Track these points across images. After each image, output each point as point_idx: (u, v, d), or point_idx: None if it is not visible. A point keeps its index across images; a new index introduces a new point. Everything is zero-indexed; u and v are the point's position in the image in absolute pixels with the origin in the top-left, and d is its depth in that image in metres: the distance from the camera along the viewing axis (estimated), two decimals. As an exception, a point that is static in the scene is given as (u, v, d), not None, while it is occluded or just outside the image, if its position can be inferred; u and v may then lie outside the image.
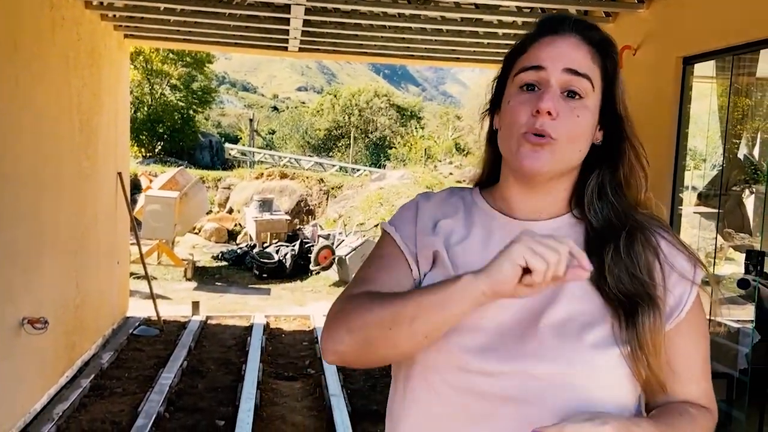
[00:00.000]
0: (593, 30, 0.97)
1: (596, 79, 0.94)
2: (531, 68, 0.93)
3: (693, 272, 0.95)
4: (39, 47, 3.78)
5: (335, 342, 0.93)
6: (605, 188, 0.97)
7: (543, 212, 0.98)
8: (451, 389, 0.92)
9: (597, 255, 0.92)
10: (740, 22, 3.20)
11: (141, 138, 19.09)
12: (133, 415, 3.93)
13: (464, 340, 0.91)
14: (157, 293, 6.54)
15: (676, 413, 0.94)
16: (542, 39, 0.95)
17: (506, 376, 0.89)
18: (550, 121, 0.90)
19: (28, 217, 3.67)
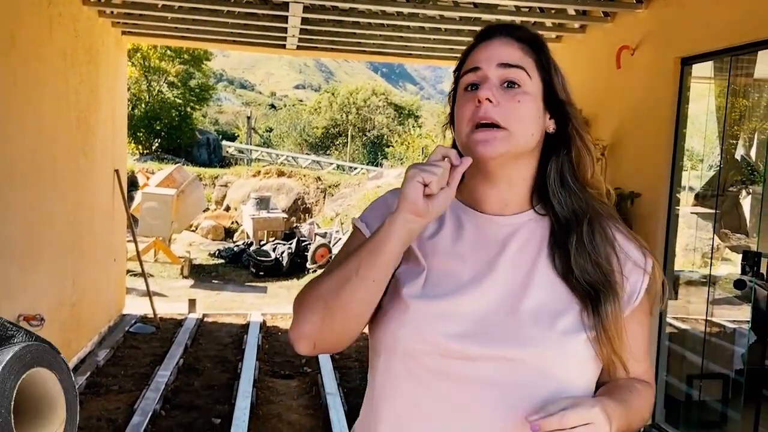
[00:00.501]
0: (522, 30, 1.06)
1: (531, 68, 1.02)
2: (470, 70, 1.03)
3: (644, 261, 1.04)
4: (37, 44, 3.77)
5: (299, 325, 0.99)
6: (565, 175, 1.04)
7: (508, 207, 1.05)
8: (432, 375, 0.97)
9: (562, 247, 1.01)
10: (738, 23, 3.21)
11: (138, 135, 19.06)
12: (129, 413, 3.93)
13: (444, 328, 0.97)
14: (153, 291, 6.52)
15: (626, 390, 1.01)
16: (478, 46, 1.04)
17: (483, 361, 0.95)
18: (493, 107, 0.98)
19: (25, 214, 3.66)
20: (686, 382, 4.02)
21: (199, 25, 5.22)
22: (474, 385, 0.95)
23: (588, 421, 0.85)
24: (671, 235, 3.81)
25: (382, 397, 1.02)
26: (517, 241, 1.02)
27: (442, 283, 1.00)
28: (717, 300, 4.14)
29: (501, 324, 0.97)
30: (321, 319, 0.97)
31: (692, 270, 4.94)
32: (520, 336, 0.95)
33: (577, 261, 0.99)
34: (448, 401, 0.96)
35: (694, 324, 4.26)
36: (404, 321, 0.99)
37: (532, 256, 1.02)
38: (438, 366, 0.96)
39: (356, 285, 0.96)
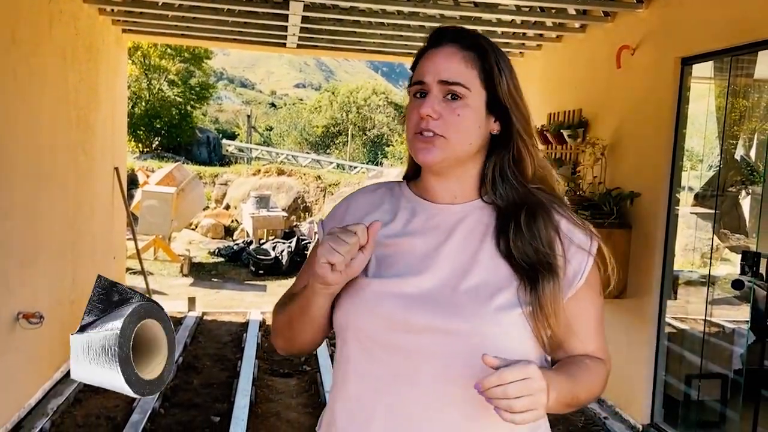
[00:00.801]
0: (468, 37, 1.12)
1: (472, 81, 1.09)
2: (416, 83, 1.12)
3: (590, 244, 1.12)
4: (36, 41, 3.77)
5: (273, 339, 1.25)
6: (504, 170, 1.13)
7: (457, 197, 1.15)
8: (381, 349, 1.07)
9: (504, 232, 1.10)
10: (739, 24, 3.21)
11: (138, 133, 19.05)
12: (128, 411, 3.93)
13: (391, 305, 1.07)
14: (153, 289, 6.53)
15: (574, 365, 1.09)
16: (426, 53, 1.13)
17: (426, 333, 1.04)
18: (434, 121, 1.08)
19: (24, 212, 3.66)
20: (685, 381, 4.03)
21: (199, 23, 5.22)
22: (418, 357, 1.04)
23: (525, 376, 0.91)
24: (671, 235, 3.81)
25: (341, 368, 1.14)
26: (465, 226, 1.12)
27: (393, 265, 1.11)
28: (716, 300, 4.14)
29: (444, 300, 1.06)
30: (285, 342, 1.21)
31: (691, 270, 4.94)
32: (459, 311, 1.04)
33: (516, 244, 1.08)
34: (396, 373, 1.06)
35: (693, 324, 4.26)
36: (356, 301, 1.09)
37: (479, 240, 1.11)
38: (386, 339, 1.06)
39: (299, 325, 1.15)
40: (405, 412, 1.05)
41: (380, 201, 1.21)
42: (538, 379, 0.92)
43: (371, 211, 1.19)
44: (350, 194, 1.26)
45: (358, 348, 1.10)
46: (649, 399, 3.94)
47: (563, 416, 4.25)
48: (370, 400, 1.08)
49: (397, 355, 1.06)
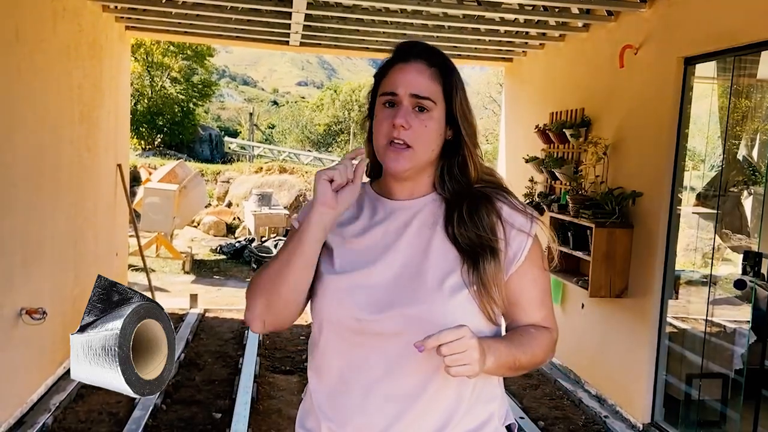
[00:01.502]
0: (435, 56, 1.28)
1: (437, 95, 1.24)
2: (388, 93, 1.25)
3: (530, 226, 1.25)
4: (40, 38, 3.78)
5: (249, 310, 1.27)
6: (452, 170, 1.29)
7: (414, 193, 1.30)
8: (352, 333, 1.22)
9: (451, 220, 1.25)
10: (742, 24, 3.21)
11: (141, 130, 19.06)
12: (130, 407, 3.94)
13: (358, 298, 1.22)
14: (155, 286, 6.54)
15: (517, 333, 1.25)
16: (396, 65, 1.27)
17: (389, 319, 1.19)
18: (405, 131, 1.22)
19: (27, 208, 3.67)
20: (686, 381, 4.03)
21: (202, 20, 5.23)
22: (382, 338, 1.20)
23: (459, 336, 1.05)
24: (672, 235, 3.81)
25: (318, 354, 1.28)
26: (420, 218, 1.27)
27: (355, 260, 1.25)
28: (717, 300, 4.14)
29: (403, 288, 1.21)
30: (265, 303, 1.24)
31: (693, 270, 4.94)
32: (416, 296, 1.19)
33: (460, 231, 1.22)
34: (366, 350, 1.21)
35: (694, 324, 4.26)
36: (325, 294, 1.24)
37: (431, 229, 1.25)
38: (354, 327, 1.21)
39: (287, 275, 1.22)
40: (378, 385, 1.21)
41: None
42: (470, 338, 1.07)
43: None
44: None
45: (332, 334, 1.25)
46: (649, 398, 3.94)
47: (563, 415, 4.26)
48: (347, 377, 1.23)
49: (365, 336, 1.21)
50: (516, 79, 6.29)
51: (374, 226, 1.28)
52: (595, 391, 4.51)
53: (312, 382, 1.31)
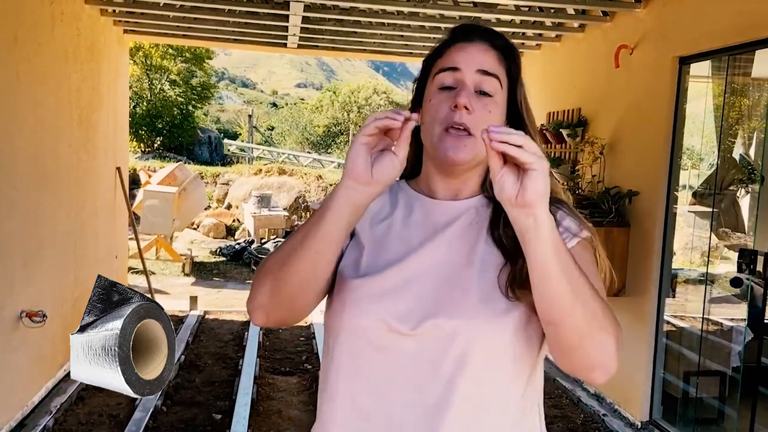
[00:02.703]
0: (499, 38, 1.10)
1: (503, 78, 1.08)
2: (448, 69, 1.06)
3: (579, 230, 1.06)
4: (39, 42, 3.79)
5: (252, 297, 1.06)
6: None
7: (460, 194, 1.11)
8: (373, 349, 1.02)
9: (497, 222, 1.05)
10: (736, 23, 3.23)
11: (140, 133, 19.08)
12: (130, 409, 3.95)
13: (388, 306, 1.01)
14: (155, 288, 6.55)
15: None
16: (456, 45, 1.08)
17: (423, 332, 0.99)
18: (467, 115, 1.02)
19: (27, 211, 3.69)
20: (683, 379, 4.05)
21: (200, 23, 5.25)
22: (413, 354, 1.00)
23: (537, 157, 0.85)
24: (669, 234, 3.83)
25: (331, 370, 1.07)
26: (464, 220, 1.07)
27: (383, 262, 1.05)
28: (714, 298, 4.16)
29: (443, 298, 1.01)
30: (270, 290, 1.03)
31: (690, 268, 4.96)
32: (460, 309, 0.99)
33: (505, 232, 1.02)
34: (389, 371, 1.01)
35: (692, 322, 4.28)
36: (345, 300, 1.03)
37: (477, 234, 1.06)
38: (380, 340, 1.01)
39: (299, 256, 1.00)
40: (402, 413, 1.00)
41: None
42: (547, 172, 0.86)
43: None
44: None
45: (350, 348, 1.04)
46: (647, 396, 3.96)
47: (562, 414, 4.27)
48: (368, 408, 1.02)
49: (391, 354, 1.01)
50: (513, 80, 6.30)
51: (409, 226, 1.09)
52: (593, 390, 4.52)
53: (324, 414, 1.08)
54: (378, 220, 1.11)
